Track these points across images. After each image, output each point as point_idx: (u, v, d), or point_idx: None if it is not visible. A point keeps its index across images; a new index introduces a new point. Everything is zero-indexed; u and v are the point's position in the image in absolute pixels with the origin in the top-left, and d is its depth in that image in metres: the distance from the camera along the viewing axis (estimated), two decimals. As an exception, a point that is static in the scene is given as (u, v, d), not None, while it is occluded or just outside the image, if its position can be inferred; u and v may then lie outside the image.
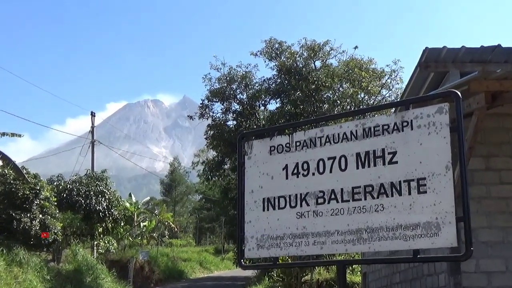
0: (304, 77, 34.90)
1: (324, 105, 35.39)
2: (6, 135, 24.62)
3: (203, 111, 38.09)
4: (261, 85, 37.56)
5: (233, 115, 38.14)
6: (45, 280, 23.54)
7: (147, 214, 50.56)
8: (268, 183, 5.30)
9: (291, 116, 33.72)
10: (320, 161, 5.03)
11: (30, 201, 24.02)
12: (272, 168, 5.31)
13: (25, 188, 23.86)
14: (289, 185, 5.15)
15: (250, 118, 37.40)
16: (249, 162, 5.51)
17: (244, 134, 5.85)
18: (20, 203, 23.58)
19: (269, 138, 5.45)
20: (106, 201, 31.62)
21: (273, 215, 5.18)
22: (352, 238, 4.68)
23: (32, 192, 24.22)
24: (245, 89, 37.72)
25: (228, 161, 38.58)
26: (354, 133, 4.90)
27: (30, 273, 22.57)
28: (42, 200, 24.88)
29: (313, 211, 4.95)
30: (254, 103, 37.36)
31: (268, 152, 5.40)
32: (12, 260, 21.94)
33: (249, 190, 5.41)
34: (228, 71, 37.67)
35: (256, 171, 5.42)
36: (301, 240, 4.96)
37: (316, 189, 4.97)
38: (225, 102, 37.70)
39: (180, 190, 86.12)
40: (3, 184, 23.83)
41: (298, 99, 34.94)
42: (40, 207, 24.65)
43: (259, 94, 36.92)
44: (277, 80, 36.97)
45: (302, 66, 35.99)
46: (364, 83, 34.59)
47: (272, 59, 37.11)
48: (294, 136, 5.28)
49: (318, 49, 36.26)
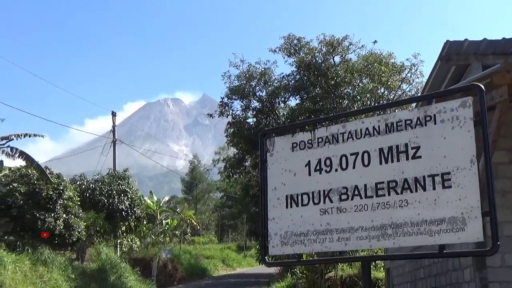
0: (323, 73, 34.80)
1: (344, 101, 35.25)
2: (28, 136, 24.88)
3: (223, 109, 38.21)
4: (280, 81, 37.52)
5: (252, 112, 38.18)
6: (70, 279, 23.78)
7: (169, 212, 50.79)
8: (290, 180, 5.29)
9: (310, 113, 33.68)
10: (343, 157, 5.00)
11: (54, 201, 24.26)
12: (295, 164, 5.29)
13: (48, 188, 24.10)
14: (312, 182, 5.13)
15: (270, 115, 37.41)
16: (271, 159, 5.50)
17: (265, 132, 5.84)
18: (44, 203, 23.83)
19: (291, 135, 5.43)
20: (129, 200, 31.86)
21: (297, 212, 5.17)
22: (376, 234, 4.65)
23: (56, 192, 24.46)
24: (264, 86, 37.71)
25: (249, 158, 38.63)
26: (376, 129, 4.86)
27: (55, 272, 22.81)
28: (65, 199, 25.13)
29: (337, 207, 4.92)
30: (273, 100, 37.35)
31: (290, 149, 5.39)
32: (37, 260, 22.19)
33: (271, 187, 5.40)
34: (247, 68, 37.72)
35: (278, 168, 5.41)
36: (325, 237, 4.95)
37: (339, 185, 4.94)
38: (245, 99, 37.74)
39: (201, 188, 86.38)
40: (27, 184, 24.09)
41: (318, 95, 34.84)
42: (63, 206, 24.89)
43: (278, 91, 36.88)
44: (296, 76, 36.90)
45: (321, 61, 35.87)
46: (384, 78, 34.39)
47: (291, 55, 37.04)
48: (316, 133, 5.26)
49: (337, 44, 36.10)
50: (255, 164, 36.45)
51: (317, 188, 5.08)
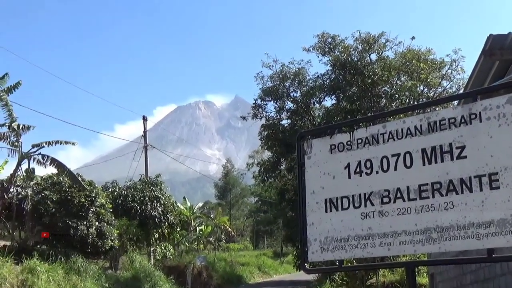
0: (359, 71, 34.58)
1: (382, 100, 34.99)
2: (59, 143, 25.27)
3: (256, 111, 38.21)
4: (315, 81, 37.40)
5: (287, 114, 38.12)
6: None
7: (203, 218, 51.03)
8: (329, 183, 5.27)
9: (347, 113, 33.50)
10: (384, 158, 4.97)
11: (86, 208, 24.60)
12: (334, 167, 5.28)
13: (80, 196, 24.44)
14: (352, 185, 5.11)
15: (305, 117, 37.33)
16: (309, 162, 5.49)
17: (302, 134, 5.84)
18: (76, 211, 24.18)
19: (329, 137, 5.42)
20: (161, 207, 32.11)
21: (337, 216, 5.15)
22: (420, 238, 4.61)
23: (88, 200, 24.79)
24: (298, 86, 37.65)
25: (284, 161, 38.58)
26: (418, 128, 4.82)
27: (89, 281, 23.11)
28: (97, 207, 25.45)
29: (379, 211, 4.89)
30: (308, 100, 37.25)
31: (329, 151, 5.38)
32: (70, 269, 22.51)
33: (310, 191, 5.39)
34: (280, 69, 37.68)
35: (316, 171, 5.40)
36: (367, 242, 4.92)
37: (380, 188, 4.91)
38: (279, 100, 37.71)
39: (235, 192, 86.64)
40: (59, 192, 24.47)
41: (354, 94, 34.65)
42: (96, 214, 25.21)
43: (313, 91, 36.77)
44: (331, 75, 36.74)
45: (357, 60, 35.66)
46: (423, 75, 34.02)
47: (326, 54, 36.90)
48: (355, 134, 5.24)
49: (373, 42, 35.86)
50: (291, 168, 36.37)
51: (358, 191, 5.05)
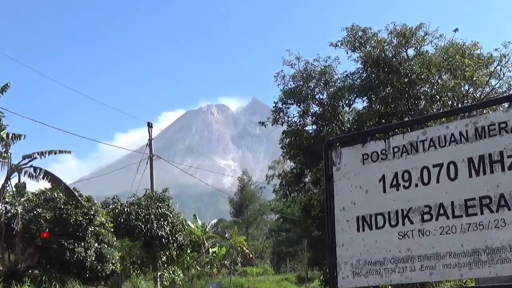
0: (394, 69, 34.45)
1: (421, 102, 34.80)
2: (54, 153, 25.44)
3: (277, 116, 38.13)
4: (344, 81, 37.29)
5: (312, 118, 38.03)
6: (104, 318, 24.13)
7: (217, 238, 51.09)
8: (362, 198, 5.27)
9: (381, 117, 33.35)
10: (424, 169, 4.96)
11: (84, 228, 24.72)
12: (366, 180, 5.28)
13: (77, 214, 24.58)
14: (388, 200, 5.10)
15: (333, 121, 37.24)
16: (338, 174, 5.50)
17: (330, 141, 5.85)
18: (72, 231, 24.31)
19: (361, 145, 5.42)
20: (169, 225, 32.17)
21: (370, 236, 5.14)
22: (467, 261, 4.59)
23: (86, 218, 24.93)
24: (325, 87, 37.57)
25: (309, 173, 38.46)
26: (464, 134, 4.80)
27: (87, 311, 23.19)
28: (97, 226, 25.57)
29: (419, 229, 4.88)
30: (336, 103, 37.13)
31: (361, 161, 5.37)
32: (66, 297, 22.61)
33: (339, 207, 5.39)
34: (304, 67, 37.58)
35: (347, 185, 5.40)
36: (405, 265, 4.90)
37: (420, 204, 4.90)
38: (302, 103, 37.64)
39: (253, 209, 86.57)
40: (53, 209, 24.63)
41: (389, 95, 34.52)
42: (95, 234, 25.33)
43: (341, 93, 36.65)
44: (362, 74, 36.61)
45: (392, 56, 35.53)
46: (468, 73, 33.81)
47: (356, 49, 36.80)
48: (391, 141, 5.23)
49: (410, 35, 35.69)
50: (316, 180, 36.25)
51: (394, 207, 5.04)
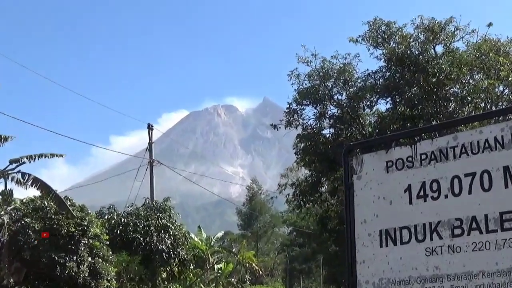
0: (421, 67, 34.46)
1: (450, 104, 34.80)
2: (44, 156, 25.47)
3: (290, 118, 38.19)
4: (365, 80, 37.35)
5: (329, 121, 38.08)
6: None
7: (223, 253, 51.13)
8: (385, 210, 5.25)
9: (406, 120, 33.34)
10: (455, 178, 4.94)
11: (77, 240, 24.75)
12: (391, 189, 5.26)
13: (69, 224, 24.61)
14: (414, 212, 5.08)
15: (353, 125, 37.26)
16: (359, 183, 5.48)
17: (350, 147, 5.85)
18: (64, 243, 24.33)
19: (385, 151, 5.40)
20: (171, 238, 32.19)
21: (395, 252, 5.13)
22: (502, 281, 4.57)
23: (79, 229, 24.95)
24: (344, 86, 37.61)
25: (326, 181, 38.51)
26: (499, 140, 4.78)
27: (79, 331, 23.21)
28: (91, 238, 25.59)
29: (448, 245, 4.86)
30: (356, 104, 37.16)
31: (384, 169, 5.36)
32: (56, 316, 22.65)
33: (360, 220, 5.38)
34: (321, 65, 37.68)
35: (369, 195, 5.39)
36: (433, 285, 4.89)
37: (451, 217, 4.88)
38: (319, 104, 37.71)
39: (263, 221, 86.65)
40: (43, 219, 24.67)
41: (415, 96, 34.52)
42: (88, 247, 25.35)
43: (362, 93, 36.70)
44: (385, 73, 36.66)
45: (419, 53, 35.54)
46: (503, 72, 33.75)
47: (378, 45, 36.84)
48: (418, 147, 5.22)
49: (439, 30, 35.70)
50: (334, 189, 36.28)
51: (421, 220, 5.03)
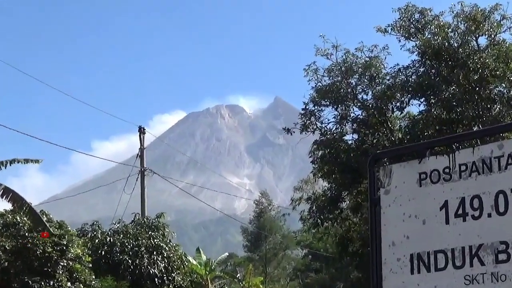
0: (461, 62, 34.41)
1: (495, 106, 34.71)
2: (17, 162, 25.50)
3: (307, 121, 38.11)
4: (395, 77, 37.26)
5: (352, 125, 38.01)
6: None
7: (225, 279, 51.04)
8: (418, 231, 5.26)
9: (443, 124, 33.29)
10: (500, 194, 4.94)
11: (54, 262, 24.77)
12: (424, 206, 5.27)
13: (46, 244, 24.62)
14: (452, 233, 5.09)
15: (380, 129, 37.16)
16: (387, 198, 5.48)
17: (376, 156, 5.86)
18: (39, 266, 24.35)
19: (417, 161, 5.41)
20: (164, 261, 32.20)
21: (428, 281, 5.13)
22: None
23: (57, 249, 24.98)
24: (370, 84, 37.55)
25: (348, 196, 38.43)
26: (553, 150, 4.80)
27: None
28: (71, 260, 25.61)
29: (491, 273, 4.86)
30: (384, 105, 37.08)
31: (417, 182, 5.36)
32: None
33: (388, 242, 5.38)
34: (343, 58, 37.61)
35: (398, 212, 5.39)
36: (473, 319, 4.90)
37: (494, 239, 4.88)
38: (340, 105, 37.63)
39: (274, 242, 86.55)
40: (15, 237, 24.69)
41: (454, 97, 34.45)
42: (68, 271, 25.38)
43: (392, 92, 36.61)
44: (419, 68, 36.60)
45: (458, 45, 35.49)
46: (559, 69, 33.76)
47: (411, 36, 36.79)
48: (457, 157, 5.22)
49: (482, 19, 35.66)
50: (358, 206, 36.20)
51: (460, 243, 5.03)
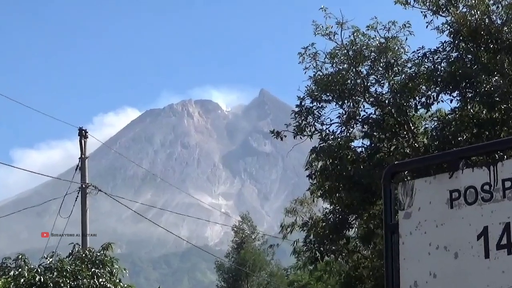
0: (506, 45, 34.59)
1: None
2: None
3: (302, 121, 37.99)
4: (419, 64, 37.19)
5: (363, 126, 37.89)
6: None
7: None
8: (448, 267, 5.29)
9: (481, 126, 33.40)
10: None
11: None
12: (456, 235, 5.30)
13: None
14: (493, 271, 5.12)
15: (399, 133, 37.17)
16: (408, 224, 5.51)
17: (395, 168, 5.88)
18: None
19: (448, 175, 5.43)
20: (113, 307, 32.22)
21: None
22: None
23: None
24: (386, 73, 37.51)
25: (356, 221, 38.47)
26: None
27: None
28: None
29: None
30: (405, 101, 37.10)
31: (447, 203, 5.39)
32: None
33: (409, 282, 5.42)
34: (350, 39, 37.54)
35: (422, 243, 5.43)
36: None
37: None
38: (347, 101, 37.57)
39: (258, 282, 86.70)
40: None
41: (496, 90, 34.57)
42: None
43: (414, 84, 36.62)
44: (450, 53, 36.63)
45: (503, 22, 35.66)
46: None
47: (440, 10, 36.86)
48: (501, 169, 5.24)
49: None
50: (370, 234, 36.27)
51: (504, 283, 5.06)
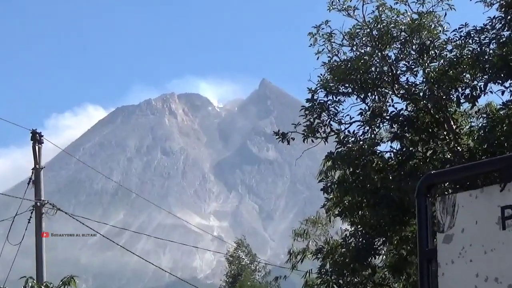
0: None
1: None
2: None
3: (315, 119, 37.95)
4: (462, 47, 37.29)
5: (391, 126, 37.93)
6: None
7: None
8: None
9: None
10: None
11: None
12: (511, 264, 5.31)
13: None
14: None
15: (437, 134, 37.17)
16: (449, 249, 5.55)
17: (432, 178, 5.90)
18: None
19: (499, 187, 5.44)
20: None
21: None
22: None
23: None
24: (420, 59, 37.56)
25: (384, 246, 38.48)
26: None
27: None
28: None
29: None
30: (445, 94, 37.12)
31: (498, 223, 5.41)
32: None
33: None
34: (375, 15, 37.58)
35: (468, 273, 5.46)
36: None
37: None
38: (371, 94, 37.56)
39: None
40: None
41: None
42: None
43: (456, 72, 36.63)
44: (501, 32, 36.73)
45: None
46: None
47: (487, -19, 37.02)
48: None
49: None
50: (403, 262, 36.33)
51: None
